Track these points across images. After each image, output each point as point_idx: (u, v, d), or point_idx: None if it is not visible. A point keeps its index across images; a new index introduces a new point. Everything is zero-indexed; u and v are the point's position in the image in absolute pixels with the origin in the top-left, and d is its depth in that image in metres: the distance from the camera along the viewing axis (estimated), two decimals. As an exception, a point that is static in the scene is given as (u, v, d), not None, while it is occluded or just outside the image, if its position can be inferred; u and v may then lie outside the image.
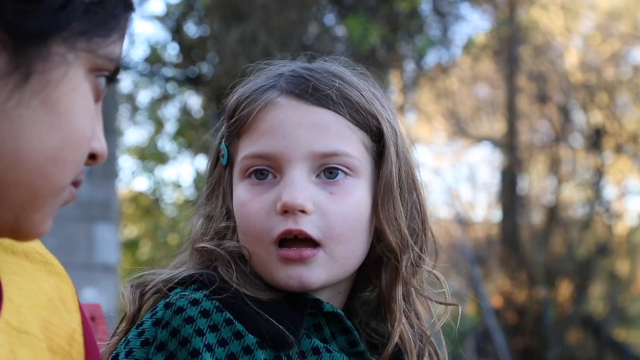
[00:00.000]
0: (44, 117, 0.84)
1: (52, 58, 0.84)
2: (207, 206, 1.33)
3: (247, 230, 1.23)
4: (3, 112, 0.82)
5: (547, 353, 10.18)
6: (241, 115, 1.27)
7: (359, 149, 1.25)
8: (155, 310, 1.18)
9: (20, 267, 0.95)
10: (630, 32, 10.75)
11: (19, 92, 0.82)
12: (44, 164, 0.85)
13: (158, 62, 7.90)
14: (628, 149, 10.77)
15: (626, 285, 11.17)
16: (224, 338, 1.14)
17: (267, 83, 1.28)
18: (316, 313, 1.23)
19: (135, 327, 1.18)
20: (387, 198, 1.26)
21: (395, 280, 1.28)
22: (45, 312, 0.94)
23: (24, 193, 0.86)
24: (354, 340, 1.25)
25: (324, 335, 1.23)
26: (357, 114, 1.25)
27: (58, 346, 0.95)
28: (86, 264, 5.01)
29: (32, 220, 0.89)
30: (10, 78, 0.81)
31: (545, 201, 11.11)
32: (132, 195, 9.72)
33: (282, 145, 1.22)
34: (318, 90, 1.24)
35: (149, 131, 9.44)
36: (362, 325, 1.31)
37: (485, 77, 11.54)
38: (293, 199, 1.19)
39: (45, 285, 0.96)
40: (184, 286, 1.21)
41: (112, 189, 5.33)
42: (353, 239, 1.24)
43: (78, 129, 0.87)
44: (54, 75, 0.84)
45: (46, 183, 0.87)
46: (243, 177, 1.25)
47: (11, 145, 0.83)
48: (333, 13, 7.26)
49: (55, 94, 0.85)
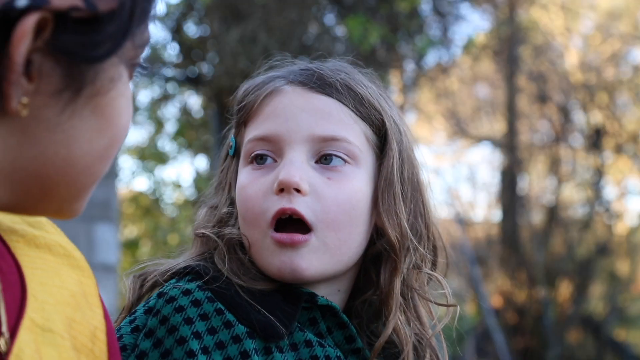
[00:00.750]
0: (94, 123, 0.86)
1: (106, 71, 0.85)
2: (214, 197, 1.36)
3: (246, 213, 1.25)
4: (57, 125, 0.84)
5: (547, 353, 10.18)
6: (248, 102, 1.29)
7: (360, 139, 1.26)
8: (149, 299, 1.20)
9: (43, 261, 0.94)
10: (630, 32, 10.76)
11: (72, 106, 0.84)
12: (92, 164, 0.88)
13: (158, 62, 7.91)
14: (628, 149, 10.77)
15: (626, 285, 11.18)
16: (213, 327, 1.15)
17: (275, 74, 1.31)
18: (311, 307, 1.23)
19: (129, 315, 1.20)
20: (388, 192, 1.26)
21: (393, 274, 1.27)
22: (68, 309, 0.93)
23: (72, 190, 0.89)
24: (351, 335, 1.24)
25: (319, 330, 1.23)
26: (360, 106, 1.27)
27: (81, 344, 0.93)
28: (86, 264, 5.01)
29: (73, 207, 0.92)
30: (63, 94, 0.82)
31: (545, 201, 11.11)
32: (132, 195, 9.71)
33: (284, 128, 1.24)
34: (323, 79, 1.27)
35: (149, 131, 9.44)
36: (362, 326, 1.31)
37: (485, 77, 11.55)
38: (289, 177, 1.20)
39: (68, 280, 0.95)
40: (179, 277, 1.22)
41: (112, 189, 5.32)
42: (347, 227, 1.23)
43: (123, 126, 0.90)
44: (104, 84, 0.86)
45: (92, 179, 0.90)
46: (246, 162, 1.27)
47: (64, 153, 0.85)
48: (333, 13, 7.26)
49: (104, 101, 0.86)
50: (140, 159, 9.59)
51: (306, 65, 1.32)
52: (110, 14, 0.82)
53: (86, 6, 0.80)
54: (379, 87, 1.33)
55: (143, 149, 9.51)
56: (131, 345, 1.15)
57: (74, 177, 0.88)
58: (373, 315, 1.33)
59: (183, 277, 1.22)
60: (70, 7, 0.79)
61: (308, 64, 1.32)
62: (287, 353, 1.18)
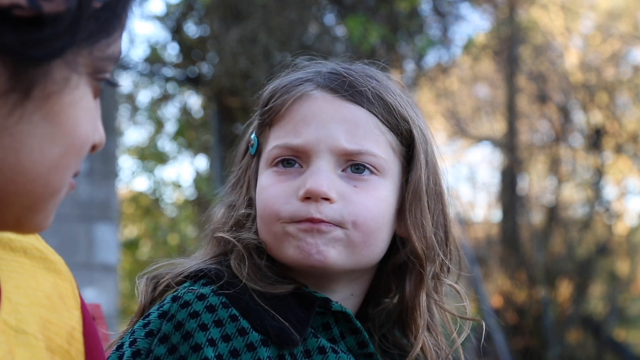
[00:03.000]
0: (46, 130, 0.84)
1: (53, 74, 0.83)
2: (231, 195, 1.34)
3: (265, 212, 1.23)
4: (4, 128, 0.81)
5: (547, 353, 10.18)
6: (275, 104, 1.27)
7: (386, 150, 1.25)
8: (163, 302, 1.19)
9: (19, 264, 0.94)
10: (630, 32, 10.75)
11: (20, 109, 0.81)
12: (45, 173, 0.85)
13: (158, 62, 7.90)
14: (628, 149, 10.77)
15: (626, 285, 11.17)
16: (228, 334, 1.14)
17: (304, 76, 1.29)
18: (325, 312, 1.23)
19: (142, 318, 1.19)
20: (415, 204, 1.26)
21: (419, 287, 1.28)
22: (43, 311, 0.93)
23: (25, 200, 0.86)
24: (363, 340, 1.24)
25: (333, 335, 1.23)
26: (389, 116, 1.26)
27: (57, 345, 0.93)
28: (86, 264, 5.01)
29: (34, 221, 0.89)
30: (10, 96, 0.80)
31: (545, 201, 11.11)
32: (132, 195, 9.71)
33: (313, 137, 1.23)
34: (354, 87, 1.25)
35: (149, 131, 9.43)
36: (375, 330, 1.31)
37: (485, 77, 11.54)
38: (318, 186, 1.19)
39: (44, 282, 0.95)
40: (193, 280, 1.21)
41: (112, 189, 5.32)
42: (374, 232, 1.23)
43: (81, 136, 0.87)
44: (55, 89, 0.83)
45: (48, 189, 0.86)
46: (269, 165, 1.26)
47: (12, 159, 0.83)
48: (333, 13, 7.26)
49: (57, 107, 0.84)
50: (140, 159, 9.58)
51: (335, 68, 1.30)
52: (55, 15, 0.80)
53: (29, 5, 0.78)
54: (407, 94, 1.33)
55: (143, 149, 9.50)
56: (145, 350, 1.14)
57: (26, 186, 0.84)
58: (393, 325, 1.32)
59: (197, 280, 1.21)
60: (12, 5, 0.78)
61: (337, 67, 1.30)
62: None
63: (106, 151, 5.07)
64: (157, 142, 9.43)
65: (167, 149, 9.45)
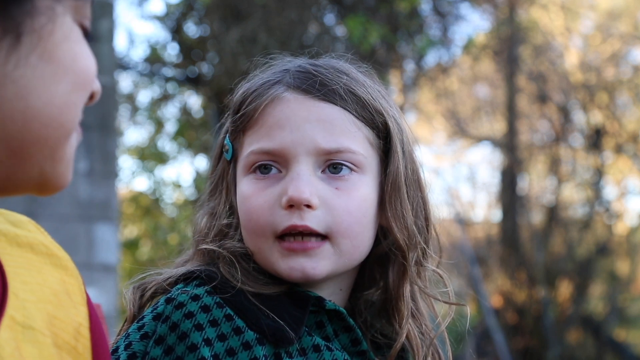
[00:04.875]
0: (46, 69, 0.84)
1: (38, 12, 0.83)
2: (210, 202, 1.33)
3: (250, 224, 1.23)
4: (4, 76, 0.81)
5: (547, 353, 10.18)
6: (247, 110, 1.26)
7: (364, 146, 1.25)
8: (157, 305, 1.18)
9: (26, 259, 0.94)
10: (630, 32, 10.76)
11: (15, 54, 0.82)
12: (57, 114, 0.85)
13: (158, 62, 7.91)
14: (628, 149, 10.77)
15: (626, 285, 11.18)
16: (223, 333, 1.14)
17: (273, 78, 1.28)
18: (318, 311, 1.23)
19: (136, 322, 1.18)
20: (395, 195, 1.26)
21: (402, 278, 1.28)
22: (50, 307, 0.93)
23: (45, 147, 0.86)
24: (356, 338, 1.25)
25: (326, 333, 1.23)
26: (363, 110, 1.25)
27: (63, 341, 0.93)
28: (86, 264, 5.01)
29: (57, 171, 0.88)
30: (2, 42, 0.81)
31: (545, 201, 11.11)
32: (132, 195, 9.71)
33: (289, 141, 1.21)
34: (325, 86, 1.24)
35: (149, 131, 9.44)
36: (366, 325, 1.31)
37: (485, 77, 11.54)
38: (299, 193, 1.19)
39: (50, 278, 0.95)
40: (185, 282, 1.21)
41: (112, 189, 5.32)
42: (360, 234, 1.23)
43: (82, 70, 0.87)
44: (44, 28, 0.83)
45: (63, 131, 0.87)
46: (247, 171, 1.25)
47: (21, 106, 0.83)
48: (333, 13, 7.26)
49: (50, 45, 0.84)
50: (140, 159, 9.59)
51: (303, 66, 1.28)
52: None
53: None
54: (377, 84, 1.32)
55: (143, 149, 9.51)
56: (141, 353, 1.14)
57: (41, 131, 0.84)
58: (377, 314, 1.33)
59: (189, 282, 1.21)
60: None
61: (305, 65, 1.29)
62: (296, 358, 1.18)
63: (106, 151, 5.07)
64: (157, 142, 9.44)
65: (167, 149, 9.46)
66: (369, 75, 1.32)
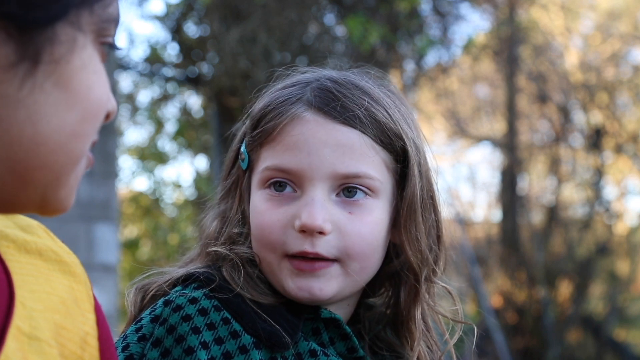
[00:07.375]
0: (60, 96, 0.83)
1: (59, 39, 0.82)
2: (221, 205, 1.33)
3: (261, 238, 1.23)
4: (17, 101, 0.80)
5: (547, 353, 10.18)
6: (267, 127, 1.25)
7: (380, 170, 1.24)
8: (155, 307, 1.19)
9: (34, 267, 0.92)
10: (630, 32, 10.75)
11: (31, 79, 0.81)
12: (65, 142, 0.84)
13: (158, 62, 7.90)
14: (628, 149, 10.77)
15: (626, 285, 11.17)
16: (220, 337, 1.15)
17: (293, 95, 1.26)
18: (315, 317, 1.24)
19: (134, 323, 1.19)
20: (410, 219, 1.26)
21: (414, 300, 1.28)
22: (58, 316, 0.91)
23: (49, 173, 0.85)
24: (353, 346, 1.25)
25: (322, 340, 1.23)
26: (382, 135, 1.24)
27: (70, 352, 0.92)
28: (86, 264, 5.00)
29: (59, 196, 0.88)
30: (20, 67, 0.80)
31: (545, 201, 11.11)
32: (132, 195, 9.70)
33: (306, 163, 1.21)
34: (346, 109, 1.23)
35: (149, 131, 9.43)
36: (366, 332, 1.31)
37: (485, 77, 11.54)
38: (312, 220, 1.19)
39: (59, 286, 0.94)
40: (184, 284, 1.21)
41: (112, 189, 5.32)
42: (370, 257, 1.24)
43: (95, 100, 0.86)
44: (63, 54, 0.82)
45: (69, 159, 0.86)
46: (262, 186, 1.25)
47: (30, 131, 0.82)
48: (333, 13, 7.26)
49: (67, 72, 0.83)
50: (140, 159, 9.58)
51: (324, 83, 1.26)
52: None
53: None
54: (399, 102, 1.30)
55: (143, 149, 9.50)
56: (138, 355, 1.14)
57: (48, 157, 0.84)
58: (378, 320, 1.33)
59: (188, 284, 1.21)
60: None
61: (325, 82, 1.26)
62: None
63: (106, 151, 5.07)
64: (157, 142, 9.43)
65: (167, 149, 9.45)
66: (390, 93, 1.30)
